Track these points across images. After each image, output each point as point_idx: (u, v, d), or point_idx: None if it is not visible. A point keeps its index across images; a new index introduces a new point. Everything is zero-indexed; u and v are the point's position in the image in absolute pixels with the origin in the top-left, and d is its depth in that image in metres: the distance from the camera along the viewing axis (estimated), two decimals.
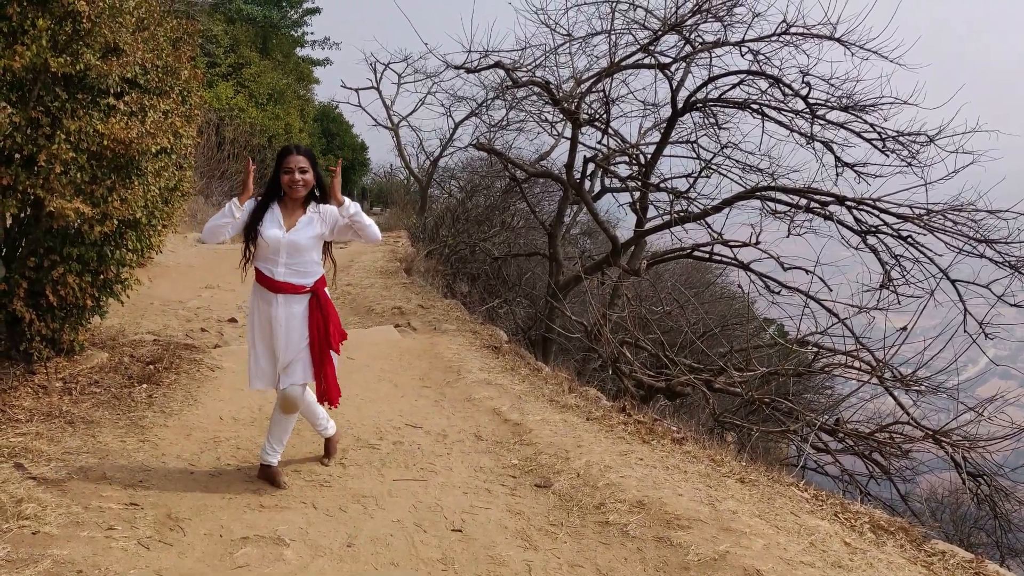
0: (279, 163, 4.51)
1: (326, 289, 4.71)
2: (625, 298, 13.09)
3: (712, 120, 12.44)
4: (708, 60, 11.57)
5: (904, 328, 8.87)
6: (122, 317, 8.55)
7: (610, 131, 13.10)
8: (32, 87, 5.31)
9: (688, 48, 11.44)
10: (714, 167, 12.70)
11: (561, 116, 13.82)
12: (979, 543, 9.39)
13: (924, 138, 9.96)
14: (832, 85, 10.49)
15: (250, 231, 4.53)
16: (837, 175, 10.93)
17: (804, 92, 10.70)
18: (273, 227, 4.49)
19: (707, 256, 12.52)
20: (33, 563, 3.53)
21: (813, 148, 11.14)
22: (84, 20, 5.28)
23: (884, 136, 10.32)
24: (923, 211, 9.72)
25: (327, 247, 4.79)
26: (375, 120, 27.32)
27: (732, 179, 12.59)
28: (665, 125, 12.48)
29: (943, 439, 8.38)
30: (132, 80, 5.93)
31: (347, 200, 4.51)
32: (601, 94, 12.52)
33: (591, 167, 13.60)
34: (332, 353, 4.68)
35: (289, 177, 4.46)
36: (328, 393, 4.71)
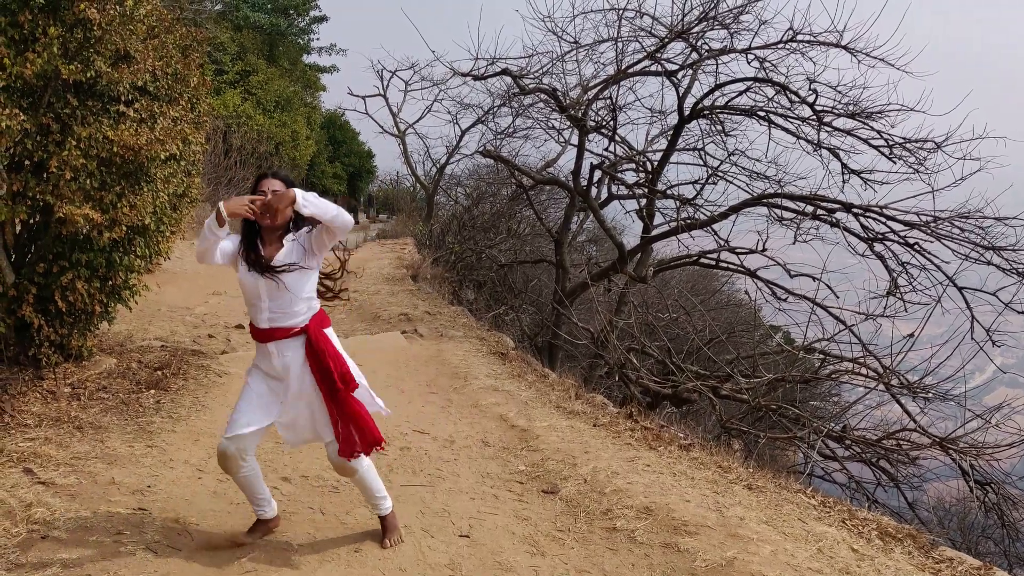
0: (253, 190, 3.90)
1: (329, 329, 4.06)
2: (631, 305, 13.09)
3: (719, 127, 12.45)
4: (715, 67, 11.61)
5: (911, 335, 8.85)
6: (130, 323, 8.58)
7: (617, 138, 13.13)
8: (43, 94, 5.35)
9: (695, 55, 11.46)
10: (721, 174, 12.70)
11: (568, 123, 13.85)
12: (987, 552, 9.34)
13: (931, 145, 9.96)
14: (839, 92, 10.51)
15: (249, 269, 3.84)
16: (844, 182, 10.92)
17: (811, 99, 10.71)
18: (244, 268, 3.84)
19: (714, 263, 12.53)
20: (42, 567, 3.55)
21: (820, 155, 11.14)
22: (95, 28, 5.32)
23: (891, 143, 10.31)
24: (930, 218, 9.71)
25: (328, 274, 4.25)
26: (382, 127, 27.42)
27: (739, 186, 12.60)
28: (672, 132, 12.50)
29: (950, 446, 8.35)
30: (142, 87, 5.97)
31: (295, 190, 3.68)
32: (608, 101, 12.55)
33: (598, 174, 13.62)
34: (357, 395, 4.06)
35: (254, 197, 3.77)
36: (360, 441, 3.96)
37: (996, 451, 8.28)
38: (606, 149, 13.50)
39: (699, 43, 11.36)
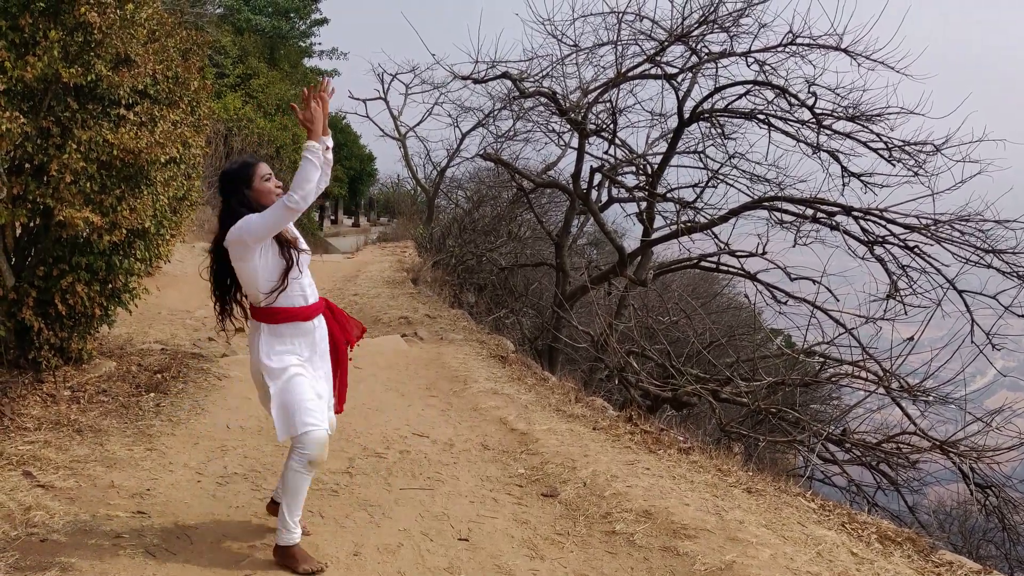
0: (251, 177, 3.84)
1: None
2: (631, 308, 13.09)
3: (719, 130, 12.44)
4: (714, 70, 11.60)
5: (911, 338, 8.84)
6: (130, 326, 8.58)
7: (617, 141, 13.12)
8: (43, 97, 5.36)
9: (694, 58, 11.46)
10: (721, 177, 12.70)
11: (568, 126, 13.84)
12: (988, 555, 9.32)
13: (931, 147, 9.94)
14: (838, 95, 10.49)
15: (289, 256, 3.84)
16: (844, 185, 10.91)
17: (810, 102, 10.71)
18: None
19: (714, 266, 12.52)
20: (41, 570, 3.55)
21: (819, 158, 11.14)
22: (95, 31, 5.33)
23: (890, 146, 10.30)
24: (930, 221, 9.69)
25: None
26: (382, 131, 27.36)
27: (739, 189, 12.59)
28: (672, 135, 12.50)
29: (951, 450, 8.34)
30: (142, 90, 5.99)
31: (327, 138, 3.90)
32: (608, 104, 12.54)
33: (598, 177, 13.61)
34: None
35: (273, 182, 3.88)
36: (341, 397, 4.23)
37: (997, 454, 8.27)
38: (606, 152, 13.49)
39: (699, 46, 11.36)
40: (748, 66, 11.15)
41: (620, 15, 11.38)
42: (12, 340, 6.05)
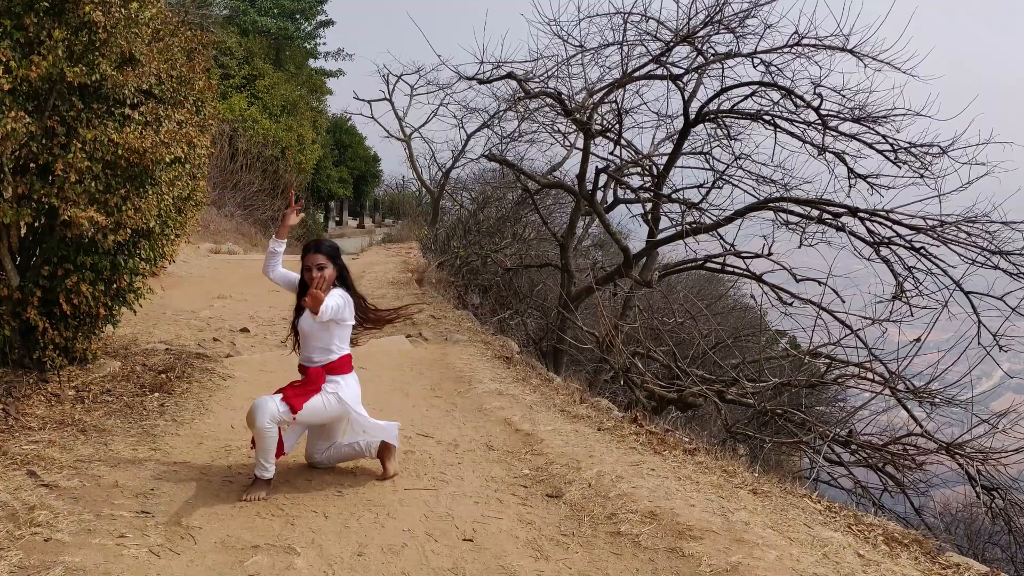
0: (302, 260, 4.80)
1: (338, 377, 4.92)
2: (637, 309, 13.08)
3: (724, 131, 12.43)
4: (720, 71, 11.59)
5: (917, 340, 8.82)
6: (134, 326, 8.58)
7: (622, 142, 13.11)
8: (48, 97, 5.36)
9: (700, 59, 11.45)
10: (727, 178, 12.68)
11: (573, 127, 13.83)
12: (994, 558, 9.30)
13: (937, 149, 9.93)
14: (844, 96, 10.49)
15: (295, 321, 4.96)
16: (850, 186, 10.90)
17: (816, 103, 10.70)
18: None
19: (719, 267, 12.51)
20: (45, 570, 3.54)
21: (825, 159, 11.12)
22: (100, 30, 5.33)
23: (897, 147, 10.29)
24: (936, 222, 9.67)
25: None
26: (387, 132, 27.42)
27: (744, 190, 12.58)
28: (677, 136, 12.48)
29: (957, 452, 8.32)
30: (147, 90, 5.98)
31: (323, 308, 4.46)
32: (613, 105, 12.55)
33: (603, 178, 13.60)
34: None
35: (308, 275, 4.73)
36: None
37: (1003, 457, 8.25)
38: (611, 153, 13.49)
39: (704, 47, 11.36)
40: (754, 67, 11.17)
41: (626, 16, 11.39)
42: (17, 340, 6.06)
